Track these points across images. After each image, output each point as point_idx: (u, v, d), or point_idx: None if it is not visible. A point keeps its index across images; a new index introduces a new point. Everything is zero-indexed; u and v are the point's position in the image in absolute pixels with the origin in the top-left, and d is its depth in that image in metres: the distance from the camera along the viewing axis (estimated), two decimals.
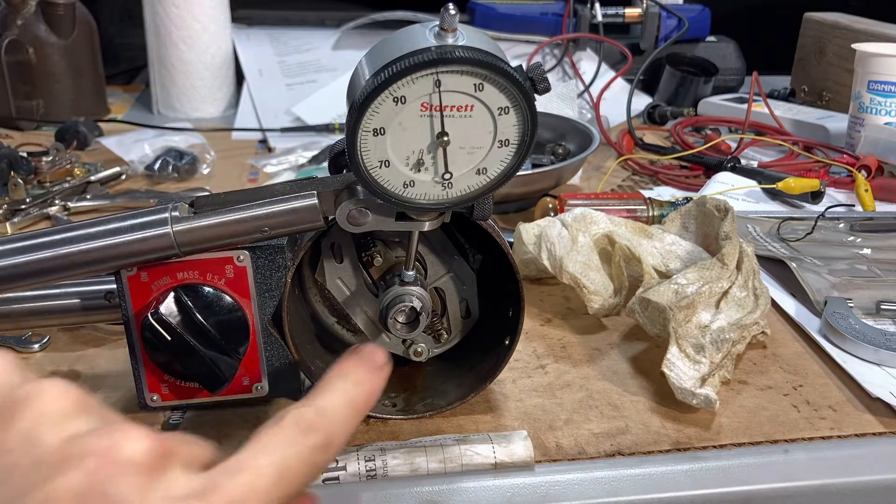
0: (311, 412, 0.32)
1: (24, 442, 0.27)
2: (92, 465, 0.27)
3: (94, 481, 0.26)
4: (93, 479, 0.26)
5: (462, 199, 0.43)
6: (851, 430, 0.52)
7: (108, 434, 0.28)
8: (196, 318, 0.48)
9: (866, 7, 1.43)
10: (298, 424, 0.31)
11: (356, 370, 0.35)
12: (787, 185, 0.90)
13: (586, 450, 0.50)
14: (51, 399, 0.28)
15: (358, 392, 0.34)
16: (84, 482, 0.26)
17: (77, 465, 0.26)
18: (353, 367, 0.35)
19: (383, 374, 0.36)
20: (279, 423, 0.31)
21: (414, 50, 0.39)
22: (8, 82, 1.17)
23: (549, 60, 1.36)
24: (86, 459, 0.27)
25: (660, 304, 0.57)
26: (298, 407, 0.32)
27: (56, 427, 0.28)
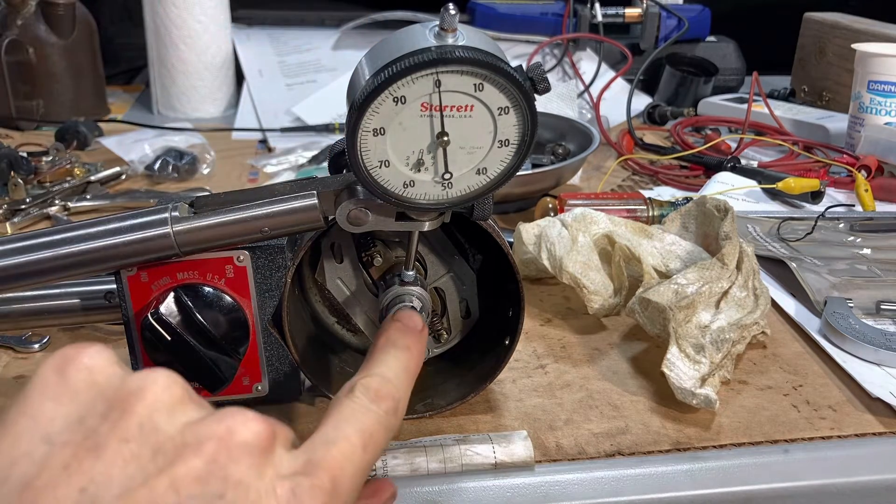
0: (375, 381, 0.35)
1: (142, 431, 0.28)
2: (211, 449, 0.28)
3: (214, 465, 0.28)
4: (213, 463, 0.28)
5: (462, 199, 0.43)
6: (851, 430, 0.52)
7: (222, 419, 0.29)
8: (196, 318, 0.48)
9: (866, 7, 1.43)
10: (368, 394, 0.34)
11: (402, 337, 0.39)
12: (787, 185, 0.90)
13: (586, 450, 0.50)
14: (161, 389, 0.29)
15: (409, 357, 0.38)
16: (205, 466, 0.27)
17: (196, 450, 0.28)
18: (398, 335, 0.39)
19: (424, 335, 0.40)
20: (351, 396, 0.34)
21: (414, 50, 0.39)
22: (8, 82, 1.17)
23: (549, 60, 1.36)
24: (204, 444, 0.28)
25: (660, 304, 0.57)
26: (361, 378, 0.35)
27: (170, 415, 0.29)
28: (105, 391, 0.29)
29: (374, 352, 0.38)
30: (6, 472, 0.26)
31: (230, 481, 0.28)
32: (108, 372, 0.30)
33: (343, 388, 0.35)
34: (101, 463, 0.27)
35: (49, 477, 0.26)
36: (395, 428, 0.34)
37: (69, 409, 0.28)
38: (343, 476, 0.30)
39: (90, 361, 0.30)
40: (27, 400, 0.29)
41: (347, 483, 0.31)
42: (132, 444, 0.28)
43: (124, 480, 0.27)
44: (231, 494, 0.27)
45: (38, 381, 0.29)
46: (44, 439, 0.27)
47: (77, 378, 0.29)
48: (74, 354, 0.30)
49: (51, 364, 0.30)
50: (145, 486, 0.27)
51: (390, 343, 0.38)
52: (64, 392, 0.29)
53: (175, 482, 0.27)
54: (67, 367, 0.29)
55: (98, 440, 0.27)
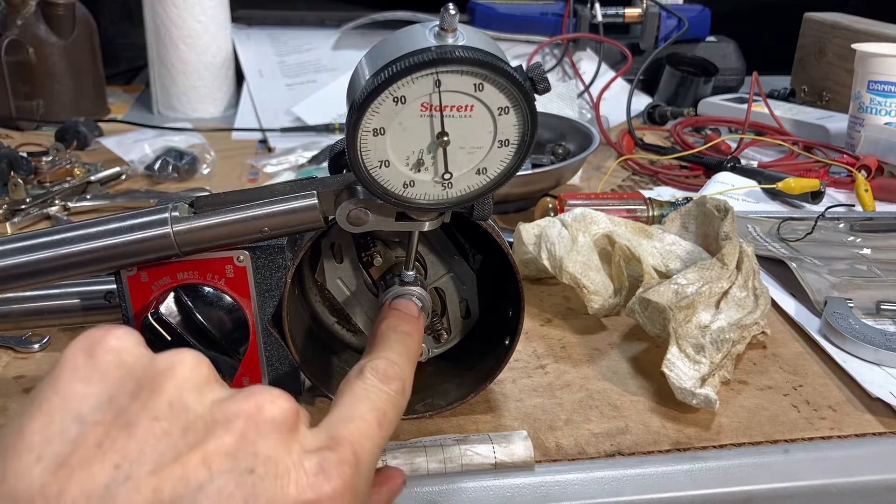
0: (383, 363, 0.36)
1: (172, 409, 0.29)
2: (240, 426, 0.29)
3: (243, 441, 0.28)
4: (242, 439, 0.28)
5: (462, 199, 0.43)
6: (851, 430, 0.52)
7: (250, 396, 0.30)
8: (196, 318, 0.48)
9: (866, 7, 1.43)
10: (377, 375, 0.35)
11: (402, 323, 0.41)
12: (787, 185, 0.90)
13: (586, 450, 0.50)
14: (189, 368, 0.30)
15: (410, 341, 0.40)
16: (234, 442, 0.28)
17: (226, 427, 0.28)
18: (397, 321, 0.41)
19: (421, 322, 0.42)
20: (361, 377, 0.35)
21: (414, 50, 0.39)
22: (8, 82, 1.17)
23: (549, 60, 1.36)
24: (233, 422, 0.29)
25: (660, 304, 0.57)
26: (369, 361, 0.36)
27: (199, 393, 0.30)
28: (134, 371, 0.30)
29: (376, 337, 0.40)
30: (41, 450, 0.27)
31: (260, 456, 0.28)
32: (135, 353, 0.30)
33: (352, 370, 0.36)
34: (134, 441, 0.27)
35: (83, 454, 0.27)
36: (403, 407, 0.36)
37: (99, 389, 0.29)
38: (363, 451, 0.32)
39: (117, 343, 0.30)
40: (57, 380, 0.29)
41: (367, 458, 0.32)
42: (163, 421, 0.28)
43: (156, 457, 0.27)
44: (261, 469, 0.28)
45: (67, 362, 0.30)
46: (75, 418, 0.28)
47: (105, 359, 0.30)
48: (102, 336, 0.30)
49: (78, 345, 0.30)
50: (177, 463, 0.27)
51: (391, 328, 0.40)
52: (93, 372, 0.29)
53: (206, 458, 0.28)
54: (95, 349, 0.30)
55: (129, 418, 0.28)
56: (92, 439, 0.27)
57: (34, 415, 0.28)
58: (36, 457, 0.27)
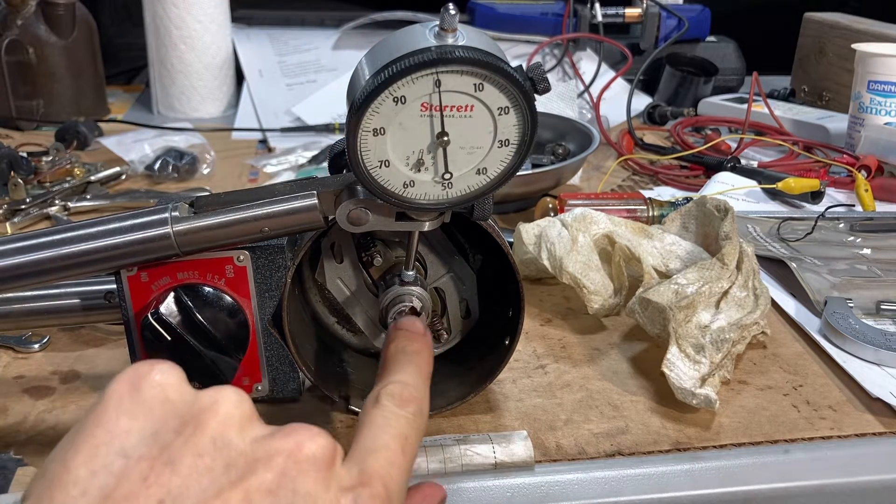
0: (398, 387, 0.36)
1: (215, 446, 0.29)
2: (281, 463, 0.29)
3: (284, 478, 0.29)
4: (283, 476, 0.29)
5: (462, 199, 0.43)
6: (851, 430, 0.52)
7: (290, 434, 0.30)
8: (196, 318, 0.48)
9: (866, 7, 1.43)
10: (394, 400, 0.35)
11: (410, 343, 0.41)
12: (787, 185, 0.90)
13: (586, 450, 0.50)
14: (232, 405, 0.30)
15: (421, 360, 0.40)
16: (275, 480, 0.29)
17: (267, 464, 0.29)
18: (405, 341, 0.41)
19: (429, 338, 0.42)
20: (378, 405, 0.35)
21: (414, 50, 0.39)
22: (8, 82, 1.17)
23: (549, 60, 1.36)
24: (274, 459, 0.29)
25: (660, 304, 0.57)
26: (384, 387, 0.36)
27: (241, 430, 0.30)
28: (178, 407, 0.30)
29: (386, 361, 0.40)
30: (86, 483, 0.27)
31: (299, 493, 0.29)
32: (179, 389, 0.31)
33: (367, 399, 0.36)
34: (178, 476, 0.28)
35: (129, 488, 0.27)
36: (423, 428, 0.36)
37: (143, 424, 0.29)
38: (392, 482, 0.32)
39: (162, 378, 0.31)
40: (103, 414, 0.29)
41: (396, 487, 0.32)
42: (206, 458, 0.29)
43: (199, 493, 0.28)
44: None
45: (113, 396, 0.30)
46: (120, 452, 0.28)
47: (151, 394, 0.30)
48: (147, 371, 0.31)
49: (124, 379, 0.30)
50: (219, 499, 0.28)
51: (400, 350, 0.40)
52: (138, 407, 0.30)
53: (248, 494, 0.28)
54: (141, 383, 0.30)
55: (172, 454, 0.28)
56: (137, 474, 0.28)
57: (79, 448, 0.28)
58: (81, 490, 0.27)
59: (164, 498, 0.27)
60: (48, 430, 0.52)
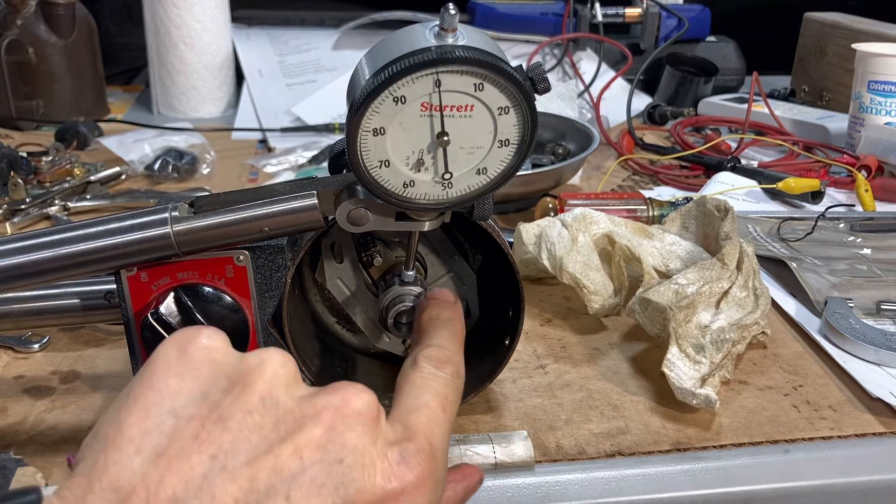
0: (434, 350, 0.38)
1: (263, 404, 0.30)
2: (328, 419, 0.30)
3: (332, 432, 0.30)
4: (331, 430, 0.30)
5: (462, 199, 0.43)
6: (851, 430, 0.52)
7: (336, 391, 0.31)
8: (196, 318, 0.48)
9: (866, 7, 1.43)
10: (431, 362, 0.37)
11: (442, 310, 0.42)
12: (787, 185, 0.90)
13: (586, 450, 0.50)
14: (278, 365, 0.31)
15: (454, 325, 0.41)
16: (324, 434, 0.30)
17: (315, 420, 0.30)
18: (438, 309, 0.42)
19: (460, 306, 0.43)
20: (416, 367, 0.36)
21: (414, 50, 0.39)
22: (8, 82, 1.17)
23: (549, 60, 1.36)
24: (322, 415, 0.30)
25: (660, 304, 0.57)
26: (421, 350, 0.38)
27: (288, 389, 0.31)
28: (224, 368, 0.31)
29: (420, 328, 0.41)
30: (139, 442, 0.28)
31: (348, 447, 0.30)
32: (225, 351, 0.32)
33: (406, 362, 0.37)
34: (228, 433, 0.29)
35: (181, 446, 0.28)
36: (461, 389, 0.37)
37: (192, 385, 0.30)
38: (435, 438, 0.33)
39: (208, 342, 0.31)
40: (152, 377, 0.30)
41: (439, 444, 0.33)
42: (255, 415, 0.29)
43: (250, 449, 0.29)
44: (350, 459, 0.30)
45: (161, 359, 0.31)
46: (171, 412, 0.29)
47: (198, 356, 0.31)
48: (193, 335, 0.31)
49: (171, 343, 0.31)
50: (270, 454, 0.29)
51: (434, 317, 0.41)
52: (186, 369, 0.30)
53: (298, 449, 0.29)
54: (188, 346, 0.31)
55: (222, 413, 0.29)
56: (188, 432, 0.29)
57: (131, 409, 0.29)
58: (136, 448, 0.28)
59: (216, 454, 0.28)
60: (48, 430, 0.52)
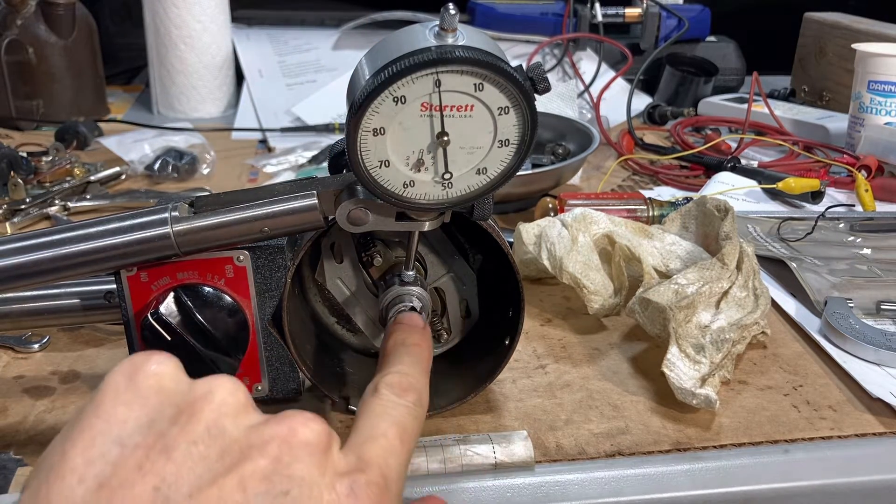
0: (396, 377, 0.37)
1: (209, 434, 0.30)
2: (275, 449, 0.29)
3: (278, 463, 0.29)
4: (277, 462, 0.29)
5: (462, 199, 0.43)
6: (851, 430, 0.52)
7: (283, 420, 0.31)
8: (196, 318, 0.48)
9: (866, 7, 1.43)
10: (392, 390, 0.36)
11: (409, 335, 0.41)
12: (787, 185, 0.90)
13: (586, 450, 0.50)
14: (226, 393, 0.31)
15: (420, 351, 0.40)
16: (270, 465, 0.29)
17: (261, 450, 0.29)
18: (404, 335, 0.41)
19: (428, 332, 0.43)
20: (377, 395, 0.36)
21: (414, 50, 0.39)
22: (8, 82, 1.17)
23: (549, 60, 1.36)
24: (269, 445, 0.29)
25: (660, 304, 0.57)
26: (382, 377, 0.37)
27: (235, 418, 0.30)
28: (173, 396, 0.30)
29: (385, 354, 0.40)
30: (83, 471, 0.28)
31: (294, 479, 0.29)
32: (175, 378, 0.31)
33: (367, 389, 0.37)
34: (172, 464, 0.28)
35: (124, 476, 0.28)
36: (422, 418, 0.36)
37: (139, 413, 0.30)
38: (390, 470, 0.32)
39: (158, 368, 0.31)
40: (100, 404, 0.30)
41: (394, 475, 0.32)
42: (200, 445, 0.29)
43: (194, 480, 0.28)
44: (296, 491, 0.29)
45: (110, 386, 0.30)
46: (116, 441, 0.29)
47: (146, 384, 0.30)
48: (143, 361, 0.31)
49: (121, 370, 0.31)
50: (214, 485, 0.28)
51: (399, 343, 0.41)
52: (134, 397, 0.30)
53: (242, 481, 0.28)
54: (137, 374, 0.31)
55: (168, 442, 0.29)
56: (132, 462, 0.28)
57: (76, 438, 0.29)
58: (78, 478, 0.28)
59: (159, 485, 0.28)
60: (48, 430, 0.52)
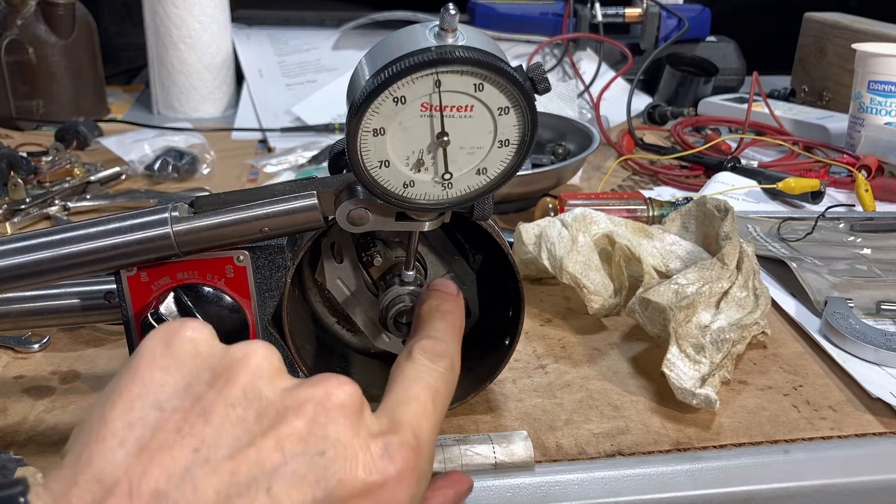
0: (430, 343, 0.37)
1: (246, 397, 0.30)
2: (310, 411, 0.30)
3: (314, 425, 0.30)
4: (313, 424, 0.30)
5: (462, 199, 0.43)
6: (851, 430, 0.52)
7: (318, 383, 0.31)
8: (196, 318, 0.48)
9: (866, 7, 1.43)
10: (426, 354, 0.36)
11: (443, 302, 0.42)
12: (787, 185, 0.90)
13: (586, 450, 0.50)
14: (261, 357, 0.31)
15: (453, 317, 0.41)
16: (306, 427, 0.30)
17: (297, 412, 0.30)
18: (438, 301, 0.42)
19: (461, 299, 0.43)
20: (411, 358, 0.36)
21: (414, 50, 0.39)
22: (8, 82, 1.17)
23: (549, 60, 1.36)
24: (304, 407, 0.30)
25: (660, 304, 0.57)
26: (416, 341, 0.37)
27: (271, 382, 0.31)
28: (209, 360, 0.31)
29: (420, 319, 0.41)
30: (123, 434, 0.28)
31: (329, 439, 0.30)
32: (210, 343, 0.32)
33: (401, 354, 0.37)
34: (211, 426, 0.29)
35: (164, 439, 0.28)
36: (454, 383, 0.37)
37: (177, 378, 0.30)
38: (422, 432, 0.33)
39: (193, 334, 0.31)
40: (137, 369, 0.30)
41: (426, 437, 0.33)
42: (238, 408, 0.30)
43: (232, 441, 0.29)
44: (331, 451, 0.30)
45: (146, 352, 0.31)
46: (155, 405, 0.29)
47: (182, 349, 0.31)
48: (179, 327, 0.32)
49: (156, 336, 0.31)
50: (252, 447, 0.29)
51: (433, 309, 0.41)
52: (171, 362, 0.31)
53: (280, 441, 0.29)
54: (173, 339, 0.31)
55: (206, 406, 0.29)
56: (171, 425, 0.29)
57: (115, 402, 0.29)
58: (119, 441, 0.28)
59: (198, 447, 0.28)
60: (48, 430, 0.52)
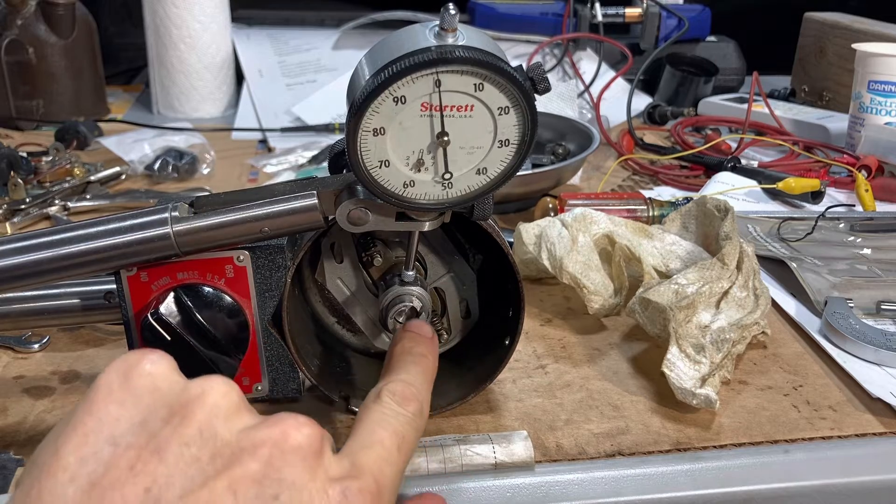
0: (399, 386, 0.37)
1: (202, 436, 0.29)
2: (266, 452, 0.29)
3: (269, 467, 0.29)
4: (268, 465, 0.29)
5: (462, 199, 0.43)
6: (851, 431, 0.52)
7: (276, 424, 0.30)
8: (196, 318, 0.48)
9: (866, 7, 1.43)
10: (394, 398, 0.36)
11: (416, 345, 0.41)
12: (787, 185, 0.90)
13: (586, 450, 0.50)
14: (220, 395, 0.31)
15: (426, 362, 0.40)
16: (261, 468, 0.29)
17: (253, 453, 0.29)
18: (412, 343, 0.41)
19: (436, 342, 0.43)
20: (379, 401, 0.36)
21: (414, 50, 0.39)
22: (8, 82, 1.17)
23: (549, 60, 1.36)
24: (260, 448, 0.29)
25: (660, 304, 0.57)
26: (385, 385, 0.37)
27: (228, 421, 0.30)
28: (167, 396, 0.30)
29: (391, 360, 0.40)
30: (75, 470, 0.28)
31: (285, 483, 0.29)
32: (169, 378, 0.31)
33: (369, 395, 0.36)
34: (164, 465, 0.28)
35: (116, 476, 0.28)
36: (421, 428, 0.36)
37: (133, 413, 0.30)
38: (384, 478, 0.32)
39: (152, 368, 0.31)
40: (93, 402, 0.30)
41: (388, 484, 0.32)
42: (192, 447, 0.29)
43: (185, 482, 0.28)
44: (286, 495, 0.29)
45: (103, 384, 0.30)
46: (109, 440, 0.29)
47: (140, 383, 0.30)
48: (137, 360, 0.31)
49: (115, 368, 0.31)
50: (205, 488, 0.28)
51: (406, 351, 0.41)
52: (128, 396, 0.30)
53: (233, 484, 0.28)
54: (131, 372, 0.31)
55: (160, 443, 0.29)
56: (124, 462, 0.28)
57: (69, 435, 0.29)
58: (70, 477, 0.28)
59: (150, 486, 0.28)
60: (48, 430, 0.51)
